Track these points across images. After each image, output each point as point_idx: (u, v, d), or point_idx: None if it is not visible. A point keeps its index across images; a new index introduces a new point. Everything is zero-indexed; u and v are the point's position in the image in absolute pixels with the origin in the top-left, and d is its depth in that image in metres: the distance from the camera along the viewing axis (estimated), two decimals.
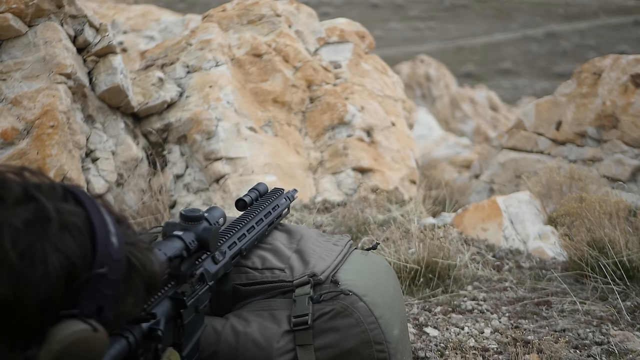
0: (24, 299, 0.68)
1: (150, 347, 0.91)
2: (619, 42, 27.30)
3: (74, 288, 0.72)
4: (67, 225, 0.73)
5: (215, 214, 1.23)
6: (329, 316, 1.30)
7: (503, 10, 35.27)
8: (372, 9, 35.09)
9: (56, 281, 0.70)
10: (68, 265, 0.71)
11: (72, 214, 0.74)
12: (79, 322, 0.71)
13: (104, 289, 0.75)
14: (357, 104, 4.33)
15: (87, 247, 0.74)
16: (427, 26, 32.80)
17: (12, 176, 0.74)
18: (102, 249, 0.75)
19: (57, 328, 0.70)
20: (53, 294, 0.70)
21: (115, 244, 0.77)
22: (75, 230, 0.73)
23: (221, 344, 1.28)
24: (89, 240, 0.74)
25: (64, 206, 0.74)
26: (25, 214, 0.70)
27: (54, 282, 0.70)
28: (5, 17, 2.76)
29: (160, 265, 0.86)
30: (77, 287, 0.72)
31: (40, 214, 0.71)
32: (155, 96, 3.67)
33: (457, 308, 2.28)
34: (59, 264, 0.70)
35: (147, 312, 0.92)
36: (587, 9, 34.61)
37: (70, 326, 0.71)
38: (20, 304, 0.68)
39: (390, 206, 3.50)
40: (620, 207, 2.57)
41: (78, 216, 0.75)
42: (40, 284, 0.69)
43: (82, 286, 0.72)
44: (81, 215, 0.75)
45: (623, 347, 1.92)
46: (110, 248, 0.76)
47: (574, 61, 21.48)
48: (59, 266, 0.70)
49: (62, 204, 0.75)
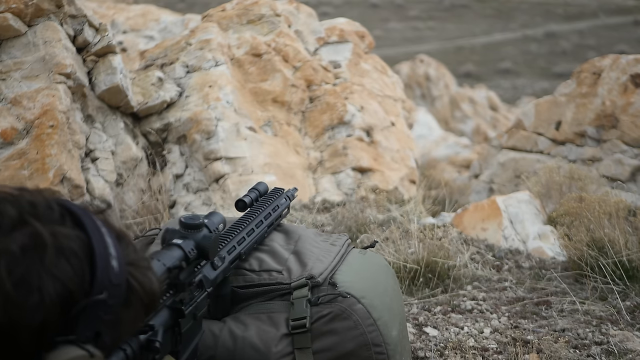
0: (19, 326, 0.67)
1: (148, 358, 0.90)
2: (619, 42, 27.29)
3: (72, 314, 0.71)
4: (64, 250, 0.71)
5: (215, 220, 1.22)
6: (327, 319, 1.30)
7: (503, 10, 35.26)
8: (372, 9, 35.08)
9: (52, 308, 0.69)
10: (64, 292, 0.70)
11: (69, 238, 0.72)
12: (76, 348, 0.70)
13: (103, 314, 0.73)
14: (356, 103, 4.33)
15: (85, 273, 0.72)
16: (426, 26, 32.80)
17: (8, 197, 0.73)
18: (102, 274, 0.73)
19: (54, 354, 0.69)
20: (48, 320, 0.69)
21: (115, 268, 0.75)
22: (72, 255, 0.72)
23: (219, 348, 1.27)
24: (87, 265, 0.73)
25: (61, 230, 0.72)
26: (21, 239, 0.69)
27: (50, 309, 0.69)
28: (5, 17, 2.76)
29: (159, 283, 0.85)
30: (75, 313, 0.71)
31: (35, 239, 0.70)
32: (155, 96, 3.67)
33: (457, 308, 2.28)
34: (55, 291, 0.69)
35: (145, 324, 0.91)
36: (586, 9, 34.60)
37: (66, 352, 0.70)
38: (15, 331, 0.67)
39: (390, 206, 3.50)
40: (619, 207, 2.57)
41: (75, 240, 0.73)
42: (36, 312, 0.68)
43: (80, 312, 0.71)
44: (79, 239, 0.73)
45: (623, 347, 1.92)
46: (110, 272, 0.74)
47: (574, 61, 21.47)
48: (54, 293, 0.69)
49: (59, 227, 0.73)
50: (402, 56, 20.99)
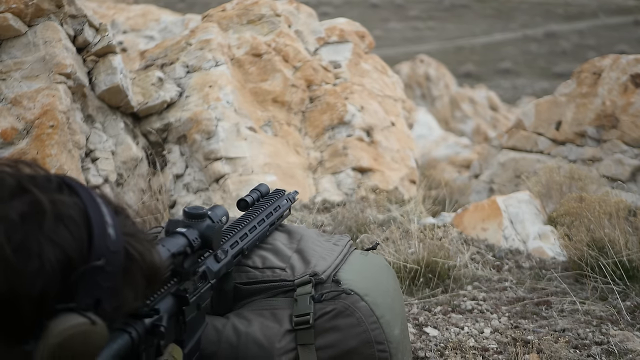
0: (20, 294, 0.67)
1: (153, 342, 0.90)
2: (619, 42, 27.29)
3: (71, 281, 0.71)
4: (63, 217, 0.72)
5: (218, 212, 1.23)
6: (331, 316, 1.30)
7: (503, 10, 35.26)
8: (372, 9, 35.08)
9: (52, 274, 0.69)
10: (64, 258, 0.70)
11: (68, 206, 0.73)
12: (77, 315, 0.71)
13: (102, 282, 0.74)
14: (356, 103, 4.33)
15: (83, 239, 0.73)
16: (426, 26, 32.80)
17: (6, 169, 0.73)
18: (99, 240, 0.74)
19: (55, 322, 0.69)
20: (49, 287, 0.69)
21: (112, 235, 0.75)
22: (71, 222, 0.72)
23: (222, 344, 1.28)
24: (85, 232, 0.73)
25: (59, 197, 0.73)
26: (20, 206, 0.69)
27: (50, 275, 0.69)
28: (5, 17, 2.76)
29: (160, 257, 0.85)
30: (74, 280, 0.71)
31: (34, 206, 0.70)
32: (155, 96, 3.67)
33: (457, 308, 2.28)
34: (55, 257, 0.69)
35: (150, 308, 0.92)
36: (586, 9, 34.60)
37: (68, 320, 0.70)
38: (16, 299, 0.67)
39: (390, 206, 3.50)
40: (620, 207, 2.57)
41: (73, 207, 0.73)
42: (36, 278, 0.68)
43: (79, 279, 0.71)
44: (77, 206, 0.74)
45: (623, 347, 1.92)
46: (107, 239, 0.75)
47: (574, 61, 21.47)
48: (54, 259, 0.69)
49: (57, 195, 0.73)
50: (402, 56, 20.99)
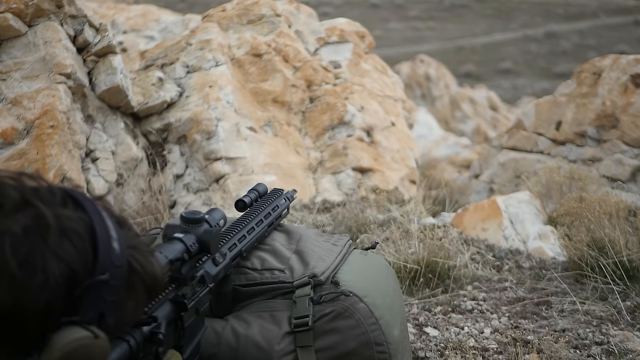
0: (24, 307, 0.67)
1: (152, 350, 0.90)
2: (619, 42, 27.28)
3: (75, 295, 0.71)
4: (67, 231, 0.72)
5: (215, 216, 1.23)
6: (330, 317, 1.30)
7: (503, 10, 35.26)
8: (372, 9, 35.08)
9: (56, 289, 0.69)
10: (68, 273, 0.70)
11: (72, 220, 0.73)
12: (80, 329, 0.71)
13: (106, 295, 0.74)
14: (357, 104, 4.33)
15: (87, 253, 0.73)
16: (426, 26, 32.79)
17: (9, 181, 0.73)
18: (104, 255, 0.74)
19: (58, 335, 0.70)
20: (53, 301, 0.69)
21: (117, 250, 0.76)
22: (75, 236, 0.72)
23: (221, 346, 1.27)
24: (90, 246, 0.73)
25: (63, 212, 0.73)
26: (24, 220, 0.69)
27: (54, 289, 0.69)
28: (5, 17, 2.76)
29: (161, 268, 0.85)
30: (78, 294, 0.71)
31: (38, 220, 0.70)
32: (155, 96, 3.67)
33: (457, 308, 2.28)
34: (59, 271, 0.70)
35: (148, 315, 0.92)
36: (587, 9, 34.59)
37: (71, 333, 0.70)
38: (20, 312, 0.67)
39: (390, 206, 3.50)
40: (620, 207, 2.57)
41: (78, 222, 0.74)
42: (40, 292, 0.68)
43: (84, 293, 0.72)
44: (82, 220, 0.74)
45: (623, 347, 1.92)
46: (112, 254, 0.75)
47: (574, 61, 21.46)
48: (58, 274, 0.69)
49: (61, 209, 0.73)
50: (402, 56, 20.99)
